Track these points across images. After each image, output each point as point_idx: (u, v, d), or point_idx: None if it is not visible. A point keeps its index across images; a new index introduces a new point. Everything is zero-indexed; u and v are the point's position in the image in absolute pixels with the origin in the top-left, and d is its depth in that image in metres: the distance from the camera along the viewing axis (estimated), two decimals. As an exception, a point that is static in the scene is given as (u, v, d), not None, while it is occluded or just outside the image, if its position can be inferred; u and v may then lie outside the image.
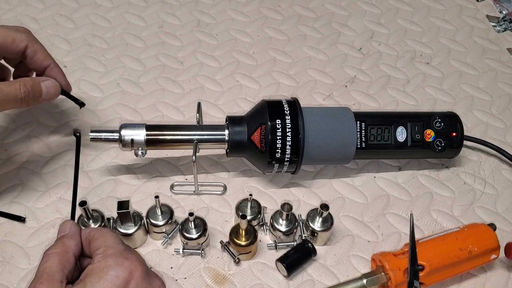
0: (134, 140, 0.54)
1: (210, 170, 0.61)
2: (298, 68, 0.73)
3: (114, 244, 0.45)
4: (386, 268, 0.49)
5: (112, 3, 0.80)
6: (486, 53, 0.77)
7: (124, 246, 0.45)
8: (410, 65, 0.75)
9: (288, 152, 0.53)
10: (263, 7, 0.82)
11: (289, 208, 0.52)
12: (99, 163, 0.60)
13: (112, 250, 0.44)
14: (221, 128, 0.55)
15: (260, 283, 0.52)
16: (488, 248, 0.51)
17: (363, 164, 0.62)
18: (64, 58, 0.72)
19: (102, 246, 0.44)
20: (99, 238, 0.45)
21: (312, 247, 0.52)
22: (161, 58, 0.73)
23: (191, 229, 0.51)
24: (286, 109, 0.54)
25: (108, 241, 0.45)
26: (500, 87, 0.73)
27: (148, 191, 0.58)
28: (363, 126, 0.57)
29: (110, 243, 0.45)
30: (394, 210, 0.58)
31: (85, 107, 0.57)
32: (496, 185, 0.61)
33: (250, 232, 0.52)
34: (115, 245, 0.44)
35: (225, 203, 0.58)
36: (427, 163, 0.63)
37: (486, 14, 0.83)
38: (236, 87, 0.70)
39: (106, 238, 0.45)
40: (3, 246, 0.53)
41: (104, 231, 0.46)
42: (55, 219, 0.55)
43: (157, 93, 0.68)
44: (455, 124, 0.59)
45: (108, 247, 0.44)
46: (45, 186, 0.58)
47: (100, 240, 0.45)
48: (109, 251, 0.44)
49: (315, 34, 0.78)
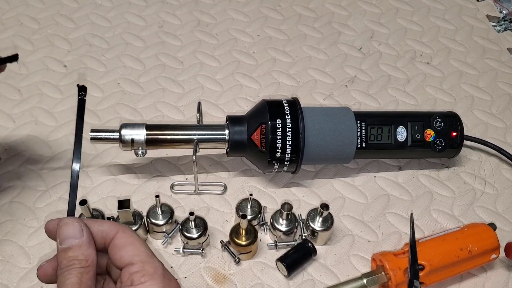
0: (134, 139, 0.54)
1: (210, 169, 0.61)
2: (298, 67, 0.73)
3: (148, 258, 0.36)
4: (386, 267, 0.49)
5: (112, 3, 0.80)
6: (486, 53, 0.77)
7: (157, 259, 0.37)
8: (410, 65, 0.75)
9: (288, 151, 0.53)
10: (263, 7, 0.82)
11: (289, 207, 0.52)
12: (99, 163, 0.60)
13: (151, 269, 0.35)
14: (221, 128, 0.55)
15: (261, 283, 0.52)
16: (488, 248, 0.51)
17: (363, 163, 0.62)
18: (64, 58, 0.72)
19: (136, 262, 0.36)
20: (127, 246, 0.36)
21: (312, 246, 0.52)
22: (161, 57, 0.73)
23: (192, 229, 0.51)
24: (286, 108, 0.54)
25: (141, 253, 0.36)
26: (500, 87, 0.73)
27: (148, 191, 0.58)
28: (363, 126, 0.57)
29: (144, 256, 0.36)
30: (394, 209, 0.58)
31: (85, 107, 0.57)
32: (496, 185, 0.61)
33: (250, 231, 0.52)
34: (150, 260, 0.36)
35: (225, 202, 0.58)
36: (427, 163, 0.63)
37: (486, 14, 0.83)
38: (236, 86, 0.70)
39: (136, 247, 0.36)
40: (3, 245, 0.53)
41: (131, 236, 0.37)
42: (55, 218, 0.55)
43: (157, 92, 0.68)
44: (455, 124, 0.59)
45: (144, 262, 0.36)
46: (45, 186, 0.58)
47: (130, 250, 0.36)
48: (148, 269, 0.35)
49: (315, 34, 0.78)
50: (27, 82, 0.68)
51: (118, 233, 0.37)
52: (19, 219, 0.55)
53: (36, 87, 0.68)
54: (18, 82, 0.68)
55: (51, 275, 0.37)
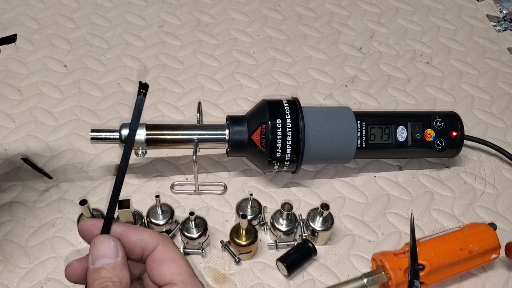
0: (135, 139, 0.54)
1: (211, 169, 0.61)
2: (298, 67, 0.73)
3: (190, 278, 0.33)
4: (387, 267, 0.49)
5: (112, 3, 0.80)
6: (486, 52, 0.77)
7: (198, 280, 0.34)
8: (410, 64, 0.75)
9: (289, 151, 0.53)
10: (263, 6, 0.82)
11: (289, 207, 0.52)
12: (99, 163, 0.60)
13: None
14: (221, 128, 0.55)
15: (261, 283, 0.52)
16: (489, 248, 0.51)
17: (364, 163, 0.62)
18: (64, 58, 0.72)
19: (178, 282, 0.33)
20: (168, 262, 0.34)
21: (313, 246, 0.52)
22: (161, 57, 0.73)
23: (192, 229, 0.51)
24: (287, 108, 0.54)
25: (184, 271, 0.34)
26: (500, 86, 0.73)
27: (148, 191, 0.58)
28: (363, 126, 0.57)
29: (186, 277, 0.33)
30: (394, 209, 0.58)
31: (85, 107, 0.57)
32: (497, 185, 0.61)
33: (250, 231, 0.52)
34: (192, 281, 0.33)
35: (225, 202, 0.58)
36: (428, 163, 0.63)
37: (486, 14, 0.83)
38: (236, 86, 0.70)
39: (178, 265, 0.34)
40: (3, 245, 0.53)
41: (173, 251, 0.34)
42: (55, 218, 0.55)
43: (157, 92, 0.68)
44: (455, 123, 0.59)
45: (186, 283, 0.33)
46: (45, 186, 0.58)
47: (171, 267, 0.34)
48: None
49: (315, 33, 0.78)
50: (27, 82, 0.68)
51: (159, 246, 0.34)
52: (19, 219, 0.55)
53: (36, 87, 0.68)
54: (18, 82, 0.68)
55: (79, 276, 0.35)
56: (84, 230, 0.35)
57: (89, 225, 0.35)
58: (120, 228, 0.35)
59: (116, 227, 0.35)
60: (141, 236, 0.34)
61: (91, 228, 0.35)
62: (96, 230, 0.34)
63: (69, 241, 0.54)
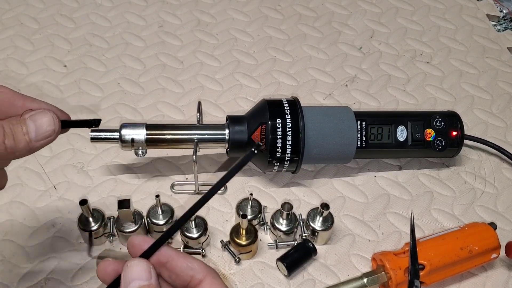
0: (135, 139, 0.54)
1: (211, 169, 0.61)
2: (298, 67, 0.73)
3: None
4: (387, 267, 0.49)
5: (112, 3, 0.80)
6: (486, 52, 0.77)
7: None
8: (410, 64, 0.75)
9: (289, 151, 0.53)
10: (263, 6, 0.82)
11: (289, 207, 0.52)
12: (99, 163, 0.60)
13: None
14: (221, 128, 0.55)
15: (261, 283, 0.52)
16: (489, 247, 0.51)
17: (364, 163, 0.62)
18: (64, 58, 0.72)
19: None
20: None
21: (313, 246, 0.52)
22: (161, 57, 0.73)
23: (192, 229, 0.51)
24: (287, 108, 0.54)
25: None
26: (500, 86, 0.73)
27: (148, 191, 0.58)
28: (363, 125, 0.57)
29: None
30: (394, 209, 0.58)
31: (85, 106, 0.57)
32: (497, 184, 0.61)
33: (250, 231, 0.52)
34: None
35: (225, 202, 0.58)
36: (428, 162, 0.63)
37: (486, 13, 0.83)
38: (236, 86, 0.70)
39: None
40: (3, 245, 0.53)
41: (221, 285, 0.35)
42: (55, 218, 0.55)
43: (157, 92, 0.68)
44: (455, 123, 0.59)
45: None
46: (45, 186, 0.58)
47: None
48: None
49: (315, 33, 0.78)
50: (27, 82, 0.68)
51: (208, 278, 0.34)
52: (19, 219, 0.55)
53: (36, 87, 0.68)
54: (18, 82, 0.68)
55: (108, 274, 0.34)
56: (133, 244, 0.35)
57: (141, 241, 0.35)
58: (170, 252, 0.35)
59: (167, 249, 0.34)
60: (191, 264, 0.35)
61: (142, 243, 0.35)
62: (146, 246, 0.34)
63: (69, 241, 0.54)
